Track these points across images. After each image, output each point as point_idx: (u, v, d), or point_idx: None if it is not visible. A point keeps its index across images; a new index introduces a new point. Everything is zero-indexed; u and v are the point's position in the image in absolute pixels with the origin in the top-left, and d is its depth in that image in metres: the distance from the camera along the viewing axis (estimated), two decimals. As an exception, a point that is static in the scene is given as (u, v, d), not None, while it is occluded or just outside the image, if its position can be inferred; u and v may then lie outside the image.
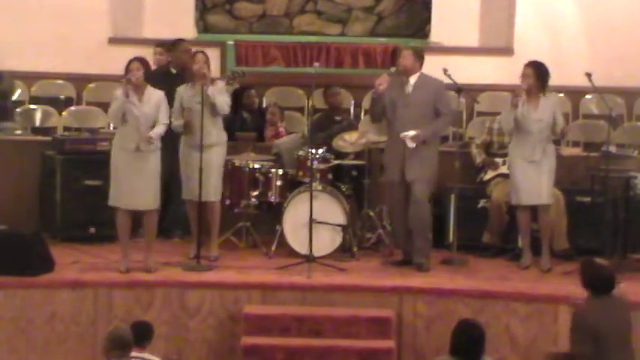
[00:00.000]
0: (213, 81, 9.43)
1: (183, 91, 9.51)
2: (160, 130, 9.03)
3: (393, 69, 9.48)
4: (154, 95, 9.06)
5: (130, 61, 9.12)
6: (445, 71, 9.62)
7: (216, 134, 9.47)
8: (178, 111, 9.42)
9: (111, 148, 9.91)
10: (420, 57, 9.41)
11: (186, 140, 9.45)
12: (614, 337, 6.82)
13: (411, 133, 9.17)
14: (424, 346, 8.75)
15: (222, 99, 9.41)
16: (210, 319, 8.83)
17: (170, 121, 9.26)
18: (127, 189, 8.97)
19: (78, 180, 10.07)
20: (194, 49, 10.19)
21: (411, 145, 9.18)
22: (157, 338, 7.84)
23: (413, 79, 9.35)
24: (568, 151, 10.40)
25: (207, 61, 9.48)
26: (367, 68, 12.50)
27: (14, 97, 11.80)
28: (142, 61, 9.16)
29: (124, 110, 8.93)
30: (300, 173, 9.82)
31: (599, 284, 6.95)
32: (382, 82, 9.26)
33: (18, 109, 11.78)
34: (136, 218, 9.23)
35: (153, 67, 10.59)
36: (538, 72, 9.36)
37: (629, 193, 9.66)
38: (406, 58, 9.37)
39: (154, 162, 9.04)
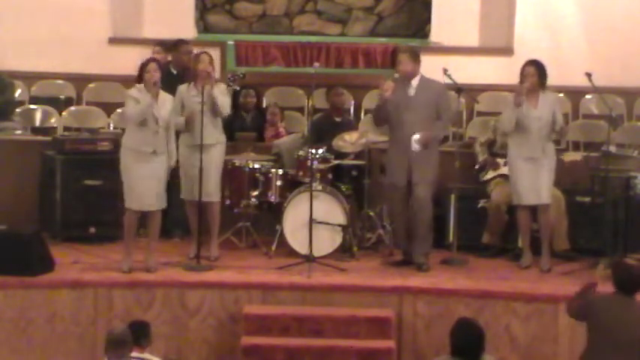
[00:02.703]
0: (216, 82, 9.45)
1: (184, 90, 9.51)
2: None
3: (397, 75, 9.47)
4: (166, 98, 9.07)
5: (148, 62, 9.03)
6: (445, 71, 9.62)
7: (216, 134, 9.47)
8: (178, 109, 9.42)
9: (110, 148, 9.94)
10: (417, 58, 9.41)
11: (186, 140, 9.45)
12: (621, 335, 6.84)
13: (415, 137, 9.18)
14: (424, 346, 8.75)
15: (225, 100, 9.42)
16: (210, 319, 8.83)
17: None
18: (142, 191, 8.96)
19: (78, 180, 10.06)
20: (196, 50, 10.20)
21: (416, 147, 9.18)
22: (157, 338, 7.85)
23: (415, 82, 9.36)
24: (569, 157, 10.34)
25: (211, 62, 9.48)
26: (367, 68, 12.50)
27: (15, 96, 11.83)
28: (158, 62, 9.16)
29: (148, 113, 8.91)
30: (300, 173, 9.82)
31: (629, 284, 6.99)
32: (388, 88, 9.26)
33: (18, 109, 11.78)
34: (138, 218, 9.23)
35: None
36: (539, 70, 9.37)
37: (629, 193, 9.66)
38: (405, 64, 9.37)
39: (164, 163, 9.06)
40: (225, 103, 9.42)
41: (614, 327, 6.85)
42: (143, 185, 8.97)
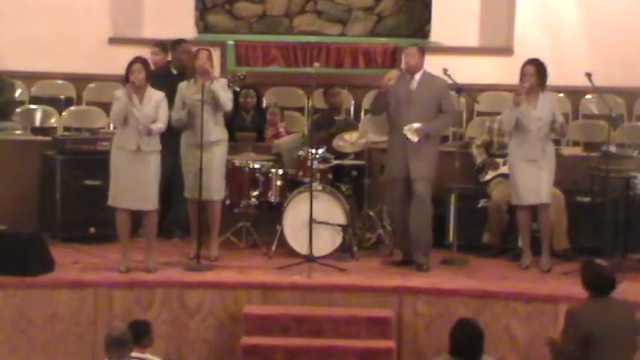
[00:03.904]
0: (215, 78, 9.43)
1: (184, 88, 9.50)
2: (160, 125, 9.01)
3: (403, 66, 9.48)
4: (155, 96, 9.06)
5: (132, 63, 9.04)
6: (445, 71, 9.61)
7: (217, 132, 9.47)
8: (179, 106, 9.41)
9: (110, 148, 9.93)
10: (423, 54, 9.43)
11: (187, 138, 9.45)
12: (610, 339, 6.78)
13: (415, 125, 9.16)
14: (424, 346, 8.75)
15: (226, 95, 9.41)
16: (210, 319, 8.83)
17: (170, 118, 9.23)
18: (127, 189, 8.96)
19: (78, 180, 10.06)
20: (196, 47, 10.19)
21: (414, 138, 9.16)
22: (157, 338, 7.84)
23: (417, 77, 9.36)
24: (568, 150, 10.42)
25: (210, 58, 9.48)
26: (367, 68, 12.51)
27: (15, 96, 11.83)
28: (143, 62, 9.15)
29: (126, 112, 8.93)
30: (300, 173, 9.82)
31: (598, 285, 6.94)
32: (393, 77, 9.24)
33: (18, 109, 11.78)
34: (136, 218, 9.23)
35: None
36: (539, 69, 9.37)
37: (629, 193, 9.67)
38: (413, 56, 9.37)
39: (153, 162, 9.04)
40: (227, 98, 9.40)
41: (603, 332, 6.78)
42: (130, 184, 8.95)
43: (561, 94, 11.42)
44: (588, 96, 12.09)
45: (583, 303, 7.01)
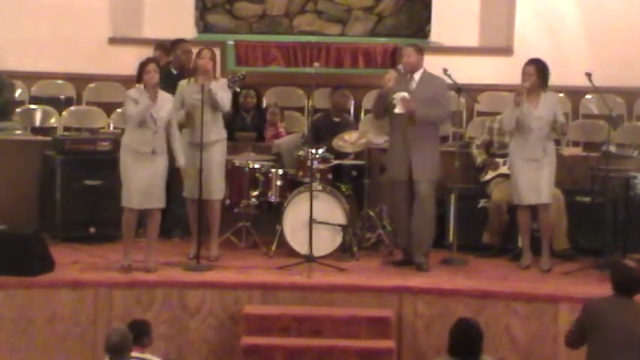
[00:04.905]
0: (215, 77, 9.42)
1: (184, 86, 9.49)
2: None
3: (400, 67, 9.48)
4: (166, 98, 9.05)
5: (146, 63, 8.99)
6: (445, 71, 9.62)
7: (216, 131, 9.46)
8: (178, 105, 9.40)
9: (110, 148, 9.95)
10: (421, 53, 9.43)
11: (186, 138, 9.43)
12: (616, 339, 6.79)
13: (403, 93, 9.13)
14: (424, 346, 8.75)
15: (224, 96, 9.40)
16: (210, 319, 8.83)
17: None
18: (140, 189, 8.94)
19: (78, 180, 10.07)
20: (195, 49, 10.18)
21: (399, 110, 9.12)
22: (157, 338, 7.85)
23: (417, 76, 9.36)
24: (569, 151, 10.42)
25: (212, 57, 9.46)
26: (367, 68, 12.51)
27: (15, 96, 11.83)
28: (156, 62, 9.13)
29: (146, 113, 8.90)
30: (300, 173, 9.82)
31: (624, 285, 6.95)
32: (391, 78, 9.24)
33: (18, 109, 11.78)
34: (137, 218, 9.22)
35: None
36: (540, 69, 9.37)
37: (629, 193, 9.67)
38: (410, 56, 9.37)
39: (163, 162, 9.03)
40: (225, 98, 9.37)
41: (614, 329, 6.81)
42: (142, 184, 8.96)
43: (561, 94, 11.41)
44: (588, 96, 12.10)
45: (603, 297, 7.03)
